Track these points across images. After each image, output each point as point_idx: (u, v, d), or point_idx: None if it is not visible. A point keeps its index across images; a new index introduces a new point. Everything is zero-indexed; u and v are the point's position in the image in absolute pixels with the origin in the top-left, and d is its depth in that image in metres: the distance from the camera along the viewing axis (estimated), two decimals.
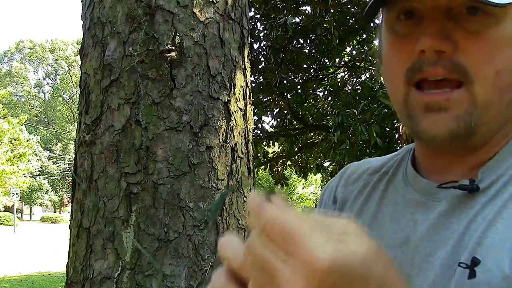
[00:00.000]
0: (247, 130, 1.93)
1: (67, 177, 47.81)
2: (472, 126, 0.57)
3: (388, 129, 5.25)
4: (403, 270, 0.61)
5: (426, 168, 0.67)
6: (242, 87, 1.92)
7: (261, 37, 6.44)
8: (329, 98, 7.50)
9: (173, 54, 1.72)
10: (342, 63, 7.60)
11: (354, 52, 7.48)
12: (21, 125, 24.52)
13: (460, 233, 0.57)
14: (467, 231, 0.57)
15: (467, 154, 0.62)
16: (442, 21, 0.56)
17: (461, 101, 0.57)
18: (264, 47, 6.53)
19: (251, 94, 2.04)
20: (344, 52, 7.27)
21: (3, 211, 37.93)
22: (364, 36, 6.82)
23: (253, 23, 6.46)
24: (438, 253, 0.58)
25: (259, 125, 7.41)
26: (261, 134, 7.36)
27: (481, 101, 0.57)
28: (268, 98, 7.17)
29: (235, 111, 1.85)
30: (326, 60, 7.13)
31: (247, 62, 2.01)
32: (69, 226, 1.87)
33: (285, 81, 6.34)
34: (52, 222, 40.94)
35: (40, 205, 49.91)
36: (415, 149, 0.70)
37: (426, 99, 0.58)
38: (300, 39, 6.53)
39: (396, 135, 5.13)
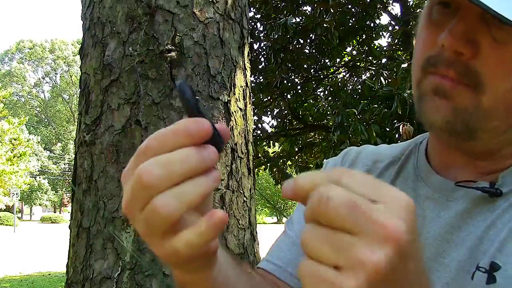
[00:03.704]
0: (247, 130, 1.93)
1: (67, 177, 47.81)
2: (471, 127, 0.56)
3: (388, 129, 5.24)
4: None
5: (438, 164, 0.65)
6: (242, 87, 1.92)
7: (261, 37, 6.44)
8: (329, 98, 7.50)
9: (173, 54, 1.72)
10: (342, 63, 7.60)
11: (354, 52, 7.48)
12: (22, 125, 24.53)
13: (478, 237, 0.56)
14: (486, 236, 0.55)
15: (479, 158, 0.60)
16: (473, 21, 0.53)
17: (464, 96, 0.55)
18: (264, 47, 6.53)
19: (251, 94, 2.04)
20: (344, 52, 7.27)
21: (3, 211, 37.93)
22: (364, 36, 6.82)
23: (253, 23, 6.46)
24: (452, 254, 0.57)
25: (259, 125, 7.41)
26: (261, 134, 7.35)
27: (485, 110, 0.55)
28: (268, 98, 7.16)
29: (235, 111, 1.85)
30: (326, 60, 7.13)
31: (247, 62, 2.01)
32: (69, 226, 1.87)
33: (285, 81, 6.34)
34: (52, 222, 40.93)
35: (40, 205, 49.91)
36: (428, 143, 0.69)
37: (437, 81, 0.56)
38: (300, 39, 6.53)
39: (396, 135, 5.13)
